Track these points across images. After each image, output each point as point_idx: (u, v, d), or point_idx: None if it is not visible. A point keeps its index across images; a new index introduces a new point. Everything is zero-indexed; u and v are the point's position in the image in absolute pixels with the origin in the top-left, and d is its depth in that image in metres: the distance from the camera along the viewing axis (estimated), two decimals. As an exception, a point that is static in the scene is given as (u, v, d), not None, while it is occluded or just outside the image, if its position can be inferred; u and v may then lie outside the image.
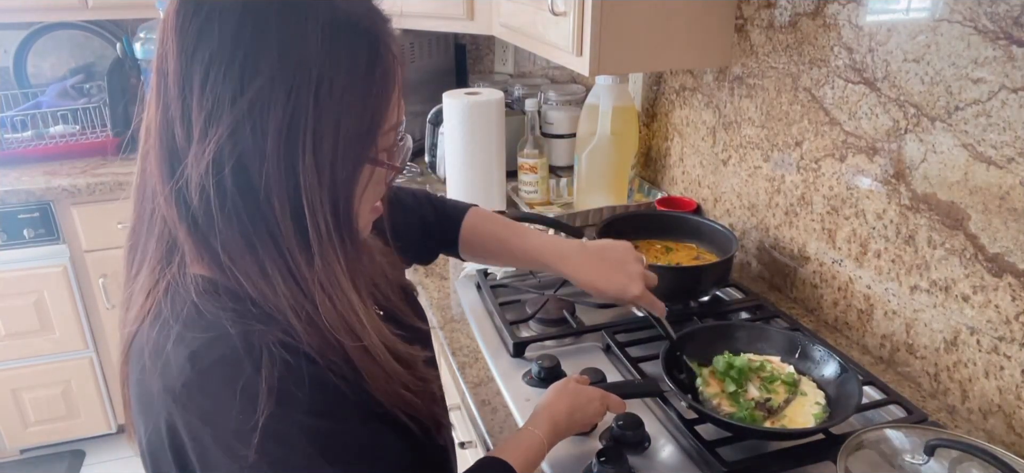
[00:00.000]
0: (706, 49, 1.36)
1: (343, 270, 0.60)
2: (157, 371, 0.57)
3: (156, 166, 0.58)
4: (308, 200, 0.57)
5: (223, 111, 0.54)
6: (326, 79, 0.56)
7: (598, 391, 0.89)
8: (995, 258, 0.93)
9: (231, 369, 0.55)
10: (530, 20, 1.47)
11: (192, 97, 0.55)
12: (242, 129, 0.54)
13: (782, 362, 1.00)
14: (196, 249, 0.58)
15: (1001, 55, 0.88)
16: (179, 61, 0.55)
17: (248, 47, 0.54)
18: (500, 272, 1.37)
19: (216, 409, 0.55)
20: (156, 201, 0.59)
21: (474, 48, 2.55)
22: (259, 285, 0.58)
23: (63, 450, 2.39)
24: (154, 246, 0.62)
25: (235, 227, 0.57)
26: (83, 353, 2.22)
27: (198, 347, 0.56)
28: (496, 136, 1.64)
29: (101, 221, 2.08)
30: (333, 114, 0.57)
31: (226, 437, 0.55)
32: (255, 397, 0.54)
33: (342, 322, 0.60)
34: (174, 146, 0.57)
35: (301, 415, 0.56)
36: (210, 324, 0.57)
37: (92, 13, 2.18)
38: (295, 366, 0.56)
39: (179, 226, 0.58)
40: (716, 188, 1.52)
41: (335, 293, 0.59)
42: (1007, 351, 0.93)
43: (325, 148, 0.57)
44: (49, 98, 2.32)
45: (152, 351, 0.58)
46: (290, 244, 0.57)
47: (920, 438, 0.79)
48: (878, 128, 1.08)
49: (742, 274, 1.44)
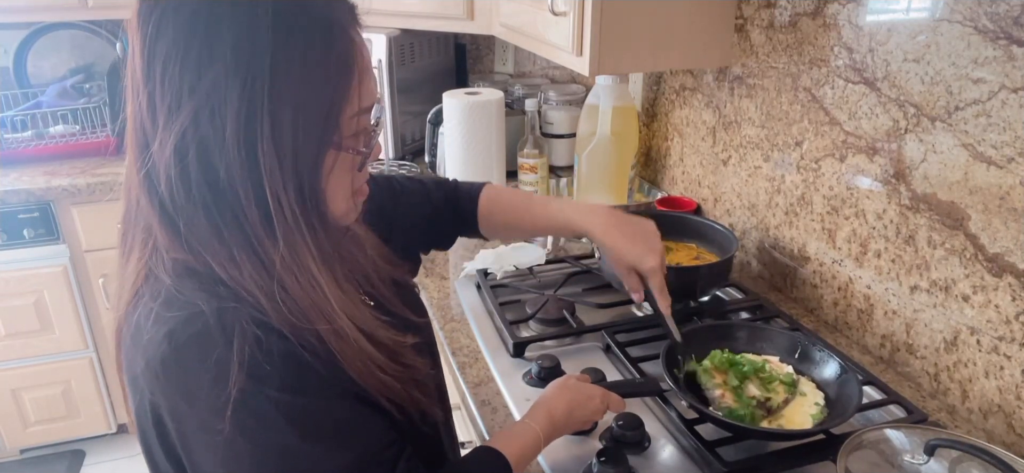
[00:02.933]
0: (706, 49, 1.36)
1: (312, 254, 0.61)
2: (139, 351, 0.59)
3: (131, 156, 0.61)
4: (270, 185, 0.58)
5: (182, 100, 0.56)
6: (280, 65, 0.57)
7: (598, 389, 0.89)
8: (995, 258, 0.93)
9: (204, 345, 0.56)
10: (530, 20, 1.47)
11: (155, 89, 0.57)
12: (201, 117, 0.56)
13: (781, 362, 1.00)
14: (166, 234, 0.60)
15: (1001, 55, 0.88)
16: (142, 56, 0.57)
17: (202, 38, 0.55)
18: (500, 272, 1.37)
19: (191, 384, 0.57)
20: (134, 191, 0.62)
21: (474, 48, 2.55)
22: (228, 268, 0.59)
23: (63, 450, 2.39)
24: (139, 233, 0.64)
25: (201, 213, 0.58)
26: (83, 353, 2.22)
27: (174, 325, 0.57)
28: (496, 136, 1.64)
29: (101, 221, 2.08)
30: (289, 100, 0.57)
31: (201, 411, 0.57)
32: (227, 372, 0.55)
33: (311, 304, 0.60)
34: (144, 137, 0.59)
35: (272, 390, 0.57)
36: (185, 303, 0.58)
37: (92, 13, 2.18)
38: (266, 342, 0.57)
39: (151, 212, 0.60)
40: (716, 188, 1.52)
41: (302, 276, 0.60)
42: (1007, 351, 0.93)
43: (284, 133, 0.58)
44: (49, 98, 2.32)
45: (134, 332, 0.61)
46: (256, 229, 0.59)
47: (920, 438, 0.79)
48: (878, 128, 1.08)
49: (742, 274, 1.44)
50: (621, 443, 0.92)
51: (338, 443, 0.60)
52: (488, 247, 1.49)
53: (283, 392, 0.57)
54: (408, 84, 2.11)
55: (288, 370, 0.58)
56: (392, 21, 1.94)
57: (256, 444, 0.57)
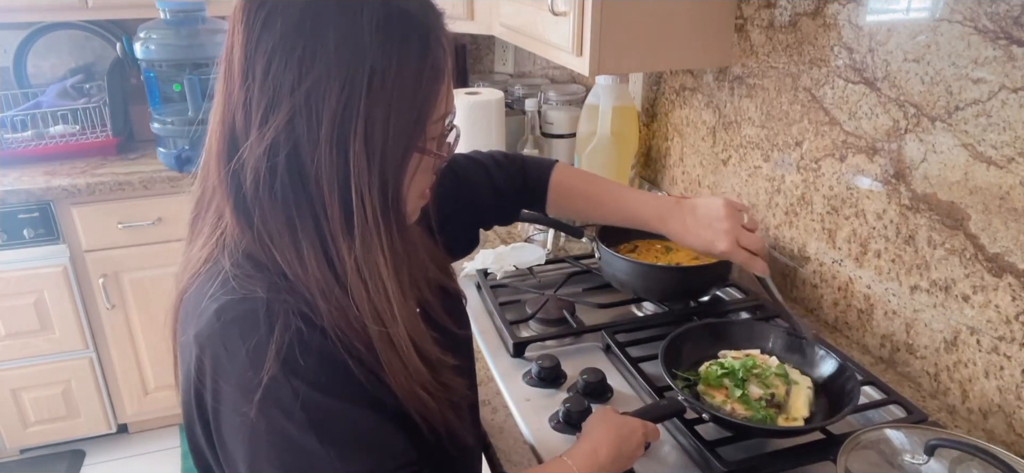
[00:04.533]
0: (706, 49, 1.36)
1: (385, 257, 0.62)
2: (191, 322, 0.62)
3: (216, 146, 0.62)
4: (356, 185, 0.59)
5: (282, 100, 0.58)
6: (379, 70, 0.58)
7: (638, 422, 0.85)
8: (995, 258, 0.93)
9: (247, 327, 0.58)
10: (530, 20, 1.47)
11: (254, 85, 0.58)
12: (298, 117, 0.58)
13: (762, 354, 1.02)
14: (238, 224, 0.62)
15: (1001, 55, 0.88)
16: (244, 51, 0.59)
17: (307, 39, 0.57)
18: (500, 272, 1.37)
19: (229, 361, 0.59)
20: (212, 179, 0.64)
21: (474, 48, 2.55)
22: (293, 264, 0.61)
23: (63, 450, 2.39)
24: (210, 217, 0.66)
25: (280, 208, 0.60)
26: (83, 353, 2.22)
27: (225, 303, 0.60)
28: (496, 136, 1.64)
29: (101, 221, 2.08)
30: (384, 103, 0.59)
31: (233, 390, 0.59)
32: (263, 357, 0.57)
33: (371, 308, 0.61)
34: (234, 131, 0.60)
35: (302, 385, 0.58)
36: (242, 287, 0.60)
37: (92, 13, 2.18)
38: (308, 337, 0.58)
39: (227, 202, 0.62)
40: (716, 188, 1.52)
41: (371, 278, 0.61)
42: (1007, 351, 0.93)
43: (376, 136, 0.59)
44: (49, 98, 2.32)
45: (191, 306, 0.64)
46: (334, 227, 0.60)
47: (920, 438, 0.79)
48: (878, 128, 1.08)
49: (742, 274, 1.44)
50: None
51: (354, 451, 0.60)
52: (488, 247, 1.49)
53: (312, 389, 0.58)
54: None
55: (322, 369, 0.59)
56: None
57: (274, 433, 0.58)
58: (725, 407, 0.92)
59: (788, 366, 0.99)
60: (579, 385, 1.03)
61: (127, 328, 2.23)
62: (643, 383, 1.03)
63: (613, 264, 1.24)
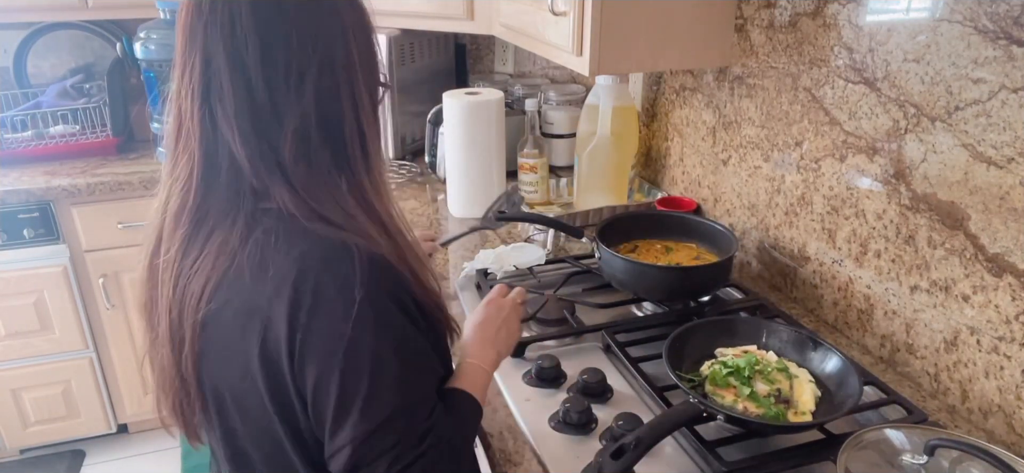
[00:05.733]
0: (706, 49, 1.36)
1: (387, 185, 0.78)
2: (266, 284, 0.68)
3: (239, 129, 0.69)
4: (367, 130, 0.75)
5: (306, 75, 0.69)
6: (358, 35, 0.73)
7: (496, 292, 0.99)
8: (995, 258, 0.93)
9: (331, 261, 0.68)
10: (530, 20, 1.47)
11: (278, 71, 0.69)
12: (322, 84, 0.70)
13: (759, 350, 1.02)
14: (289, 193, 0.70)
15: (1001, 55, 0.88)
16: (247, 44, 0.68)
17: (306, 24, 0.69)
18: (500, 272, 1.37)
19: (320, 297, 0.67)
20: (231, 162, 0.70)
21: (474, 48, 2.55)
22: (336, 213, 0.71)
23: (63, 450, 2.39)
24: (224, 208, 0.72)
25: (319, 166, 0.71)
26: (83, 353, 2.22)
27: (304, 249, 0.68)
28: (496, 136, 1.64)
29: (101, 221, 2.08)
30: (365, 59, 0.74)
31: (326, 320, 0.67)
32: (352, 283, 0.67)
33: (395, 226, 0.76)
34: (260, 110, 0.69)
35: (386, 295, 0.70)
36: (307, 235, 0.69)
37: (92, 13, 2.18)
38: (380, 263, 0.70)
39: (270, 177, 0.70)
40: (716, 188, 1.52)
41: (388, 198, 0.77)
42: (1007, 351, 0.93)
43: (366, 86, 0.74)
44: (49, 98, 2.32)
45: (255, 271, 0.69)
46: (358, 168, 0.74)
47: (920, 438, 0.79)
48: (878, 128, 1.08)
49: (742, 274, 1.44)
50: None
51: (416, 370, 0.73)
52: (488, 247, 1.49)
53: (391, 300, 0.70)
54: (408, 84, 2.11)
55: (396, 288, 0.71)
56: (392, 21, 1.94)
57: (377, 336, 0.68)
58: (737, 406, 0.92)
59: (786, 359, 1.00)
60: (579, 385, 1.03)
61: (127, 328, 2.23)
62: (643, 383, 1.02)
63: (613, 264, 1.24)
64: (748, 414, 0.91)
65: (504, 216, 1.45)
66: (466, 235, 1.49)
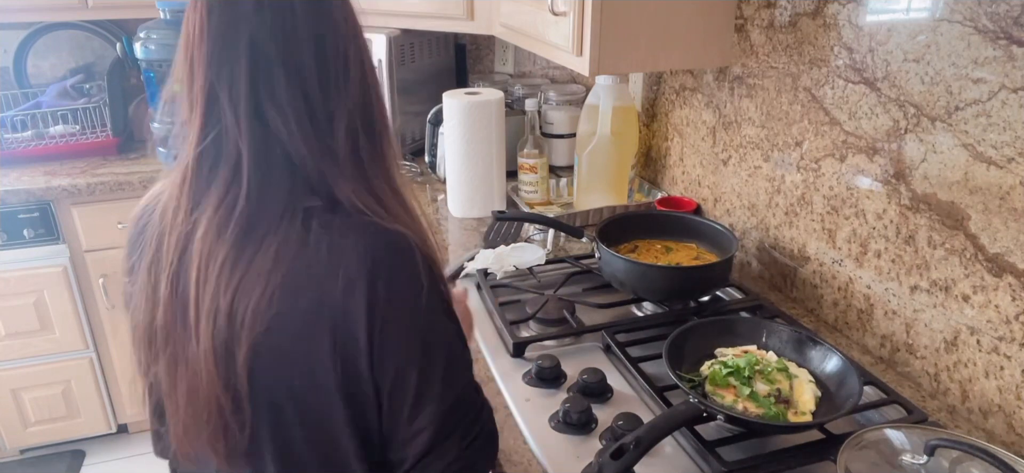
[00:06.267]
0: (706, 49, 1.36)
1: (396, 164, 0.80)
2: (335, 281, 0.68)
3: (297, 126, 0.69)
4: (386, 119, 0.77)
5: (351, 66, 0.71)
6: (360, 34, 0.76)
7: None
8: (995, 258, 0.93)
9: (395, 252, 0.70)
10: (530, 20, 1.47)
11: (328, 65, 0.70)
12: (357, 75, 0.72)
13: (759, 350, 1.02)
14: (349, 186, 0.71)
15: (1001, 55, 0.88)
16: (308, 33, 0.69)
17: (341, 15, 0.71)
18: (500, 272, 1.37)
19: (393, 284, 0.69)
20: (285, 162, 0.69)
21: (474, 48, 2.55)
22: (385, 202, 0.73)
23: (63, 450, 2.39)
24: (277, 210, 0.70)
25: (366, 156, 0.73)
26: (83, 353, 2.22)
27: (369, 242, 0.69)
28: (496, 136, 1.64)
29: (101, 221, 2.08)
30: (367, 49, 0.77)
31: (403, 312, 0.70)
32: (417, 271, 0.70)
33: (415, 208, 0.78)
34: (315, 106, 0.69)
35: (439, 283, 0.73)
36: (364, 228, 0.70)
37: (92, 13, 2.18)
38: (424, 248, 0.72)
39: (330, 173, 0.70)
40: (716, 188, 1.52)
41: (408, 186, 0.79)
42: (1007, 351, 0.93)
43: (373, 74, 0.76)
44: (49, 98, 2.32)
45: (320, 269, 0.68)
46: (389, 156, 0.76)
47: (920, 438, 0.79)
48: (878, 128, 1.08)
49: (742, 274, 1.44)
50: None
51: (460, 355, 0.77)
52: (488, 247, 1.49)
53: (441, 284, 0.74)
54: (408, 84, 2.11)
55: (439, 273, 0.74)
56: (392, 21, 1.94)
57: (444, 321, 0.73)
58: (737, 406, 0.92)
59: (785, 359, 1.00)
60: (579, 385, 1.03)
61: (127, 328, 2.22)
62: (643, 383, 1.02)
63: (613, 264, 1.24)
64: (748, 414, 0.91)
65: (504, 216, 1.45)
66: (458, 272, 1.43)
